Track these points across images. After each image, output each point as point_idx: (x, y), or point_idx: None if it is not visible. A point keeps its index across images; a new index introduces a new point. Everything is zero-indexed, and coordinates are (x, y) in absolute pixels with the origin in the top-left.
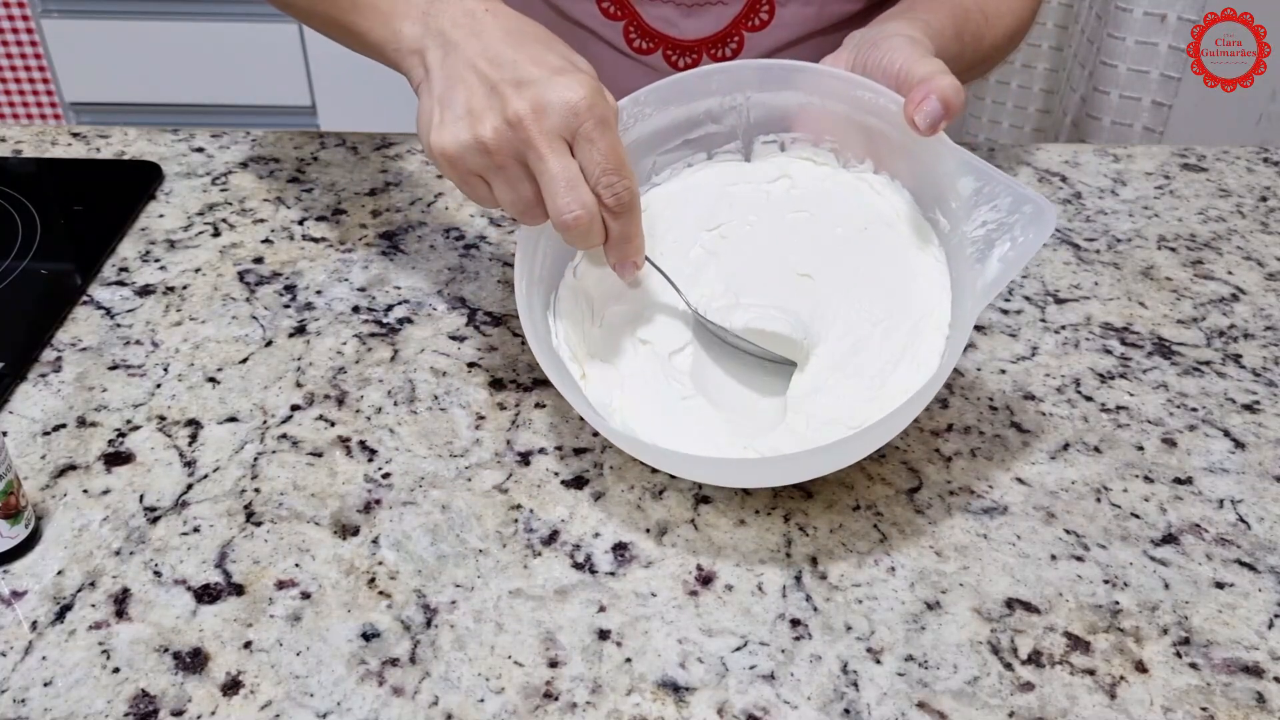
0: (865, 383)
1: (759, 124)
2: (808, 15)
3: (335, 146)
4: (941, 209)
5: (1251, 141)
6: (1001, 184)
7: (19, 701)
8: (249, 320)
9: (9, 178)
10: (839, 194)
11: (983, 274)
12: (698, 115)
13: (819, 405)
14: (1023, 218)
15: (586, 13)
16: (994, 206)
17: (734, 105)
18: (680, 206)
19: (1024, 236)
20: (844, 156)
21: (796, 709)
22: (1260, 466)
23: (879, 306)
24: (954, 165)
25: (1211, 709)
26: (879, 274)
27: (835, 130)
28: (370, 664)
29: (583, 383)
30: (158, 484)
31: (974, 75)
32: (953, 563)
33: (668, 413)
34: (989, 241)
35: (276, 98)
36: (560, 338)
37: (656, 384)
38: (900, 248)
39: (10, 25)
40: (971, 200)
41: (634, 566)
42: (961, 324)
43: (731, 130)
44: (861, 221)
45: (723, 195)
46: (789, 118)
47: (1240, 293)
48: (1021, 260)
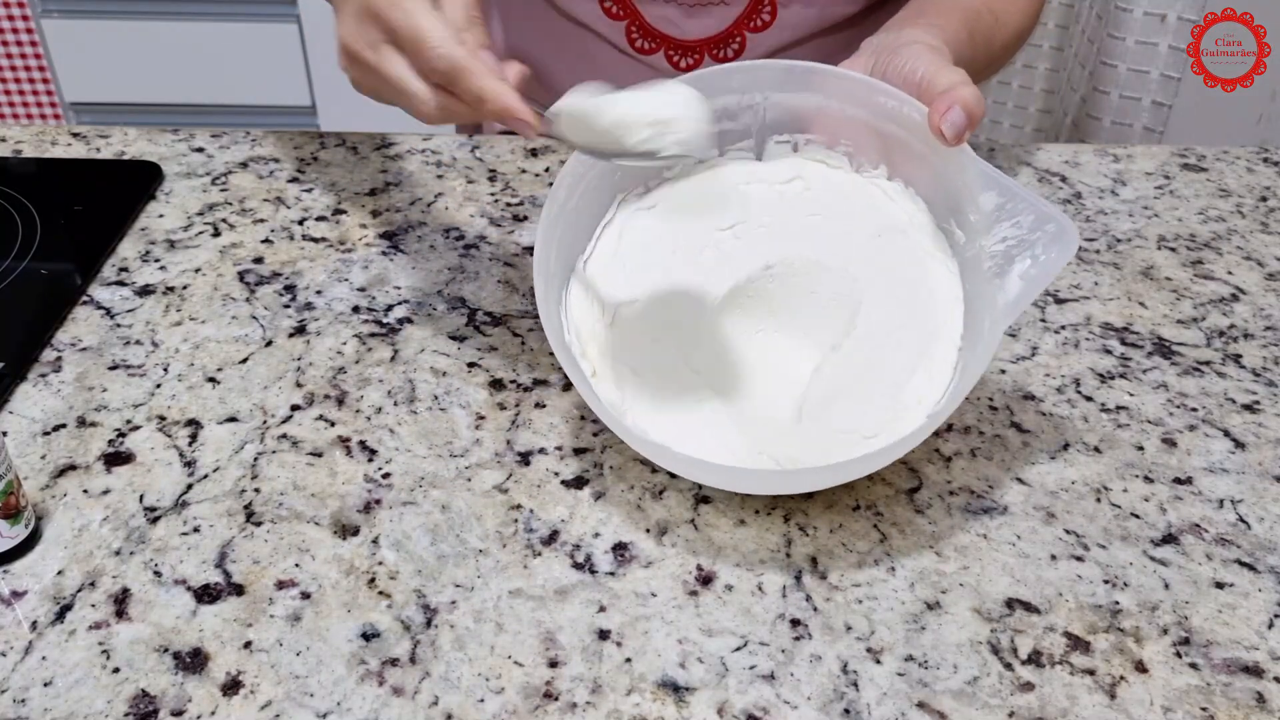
0: (881, 391)
1: (774, 124)
2: (809, 16)
3: (335, 146)
4: (958, 220)
5: (1251, 141)
6: (1025, 201)
7: (19, 701)
8: (249, 320)
9: (9, 178)
10: (853, 198)
11: (1003, 290)
12: (714, 112)
13: (834, 413)
14: (1045, 236)
15: (588, 13)
16: (1015, 223)
17: (751, 104)
18: (692, 205)
19: (1045, 255)
20: (858, 161)
21: (796, 709)
22: (1260, 466)
23: (894, 315)
24: (976, 179)
25: (1211, 709)
26: (893, 282)
27: (852, 134)
28: (370, 664)
29: (594, 380)
30: (158, 484)
31: (984, 77)
32: (953, 563)
33: (680, 412)
34: (1009, 257)
35: (276, 98)
36: (572, 333)
37: (669, 383)
38: (914, 256)
39: (10, 25)
40: (993, 215)
41: (634, 566)
42: (985, 342)
43: (746, 128)
44: (875, 227)
45: (735, 194)
46: (805, 119)
47: (1240, 293)
48: (1044, 279)
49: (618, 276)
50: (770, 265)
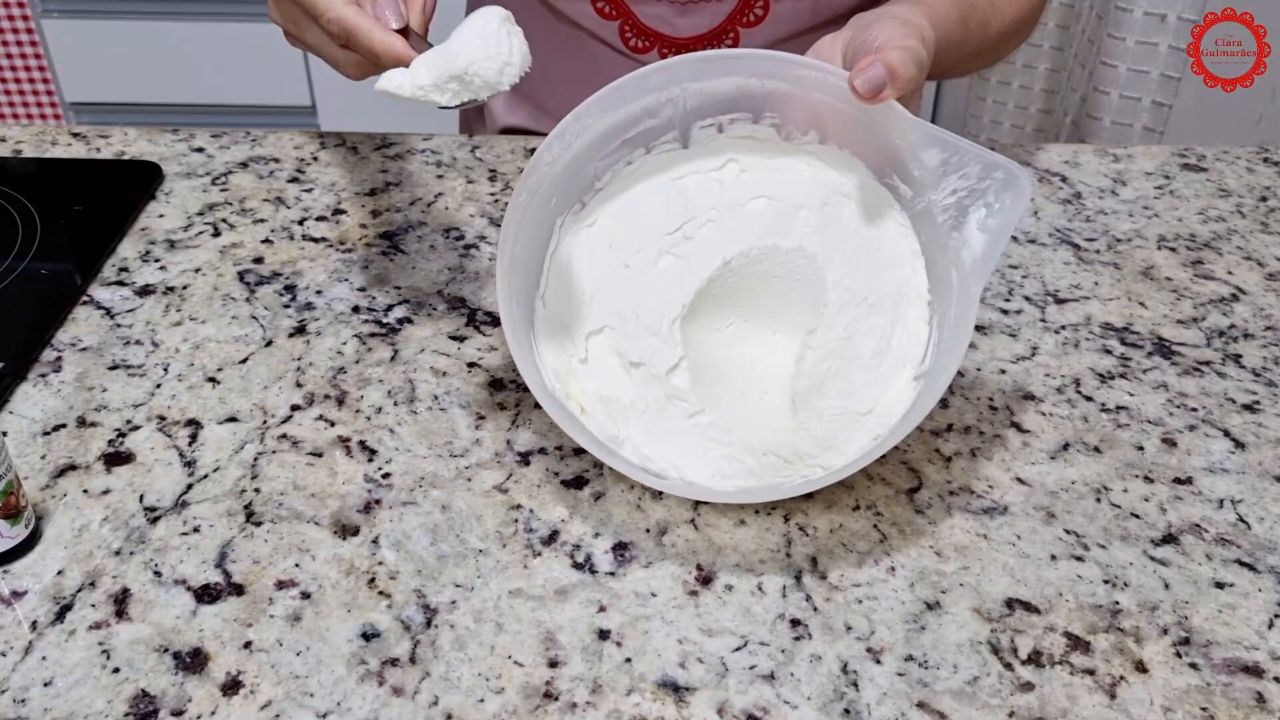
0: (864, 363)
1: (695, 111)
2: (802, 10)
3: (335, 146)
4: (900, 175)
5: (1251, 141)
6: (969, 153)
7: (19, 701)
8: (249, 320)
9: (9, 178)
10: (791, 171)
11: (965, 244)
12: (635, 114)
13: (825, 397)
14: (995, 183)
15: (581, 12)
16: (963, 174)
17: (670, 98)
18: (633, 214)
19: (999, 202)
20: (786, 130)
21: (796, 709)
22: (1260, 466)
23: (859, 282)
24: (917, 138)
25: (1211, 709)
26: (851, 248)
27: (777, 107)
28: (370, 664)
29: (584, 419)
30: (158, 484)
31: (981, 64)
32: (953, 563)
33: (678, 434)
34: (961, 208)
35: (276, 98)
36: (551, 377)
37: (660, 406)
38: (864, 218)
39: (10, 25)
40: (939, 170)
41: (634, 566)
42: (959, 301)
43: (669, 121)
44: (821, 196)
45: (674, 190)
46: (726, 101)
47: (1240, 293)
48: (1006, 229)
49: (579, 306)
50: (728, 260)
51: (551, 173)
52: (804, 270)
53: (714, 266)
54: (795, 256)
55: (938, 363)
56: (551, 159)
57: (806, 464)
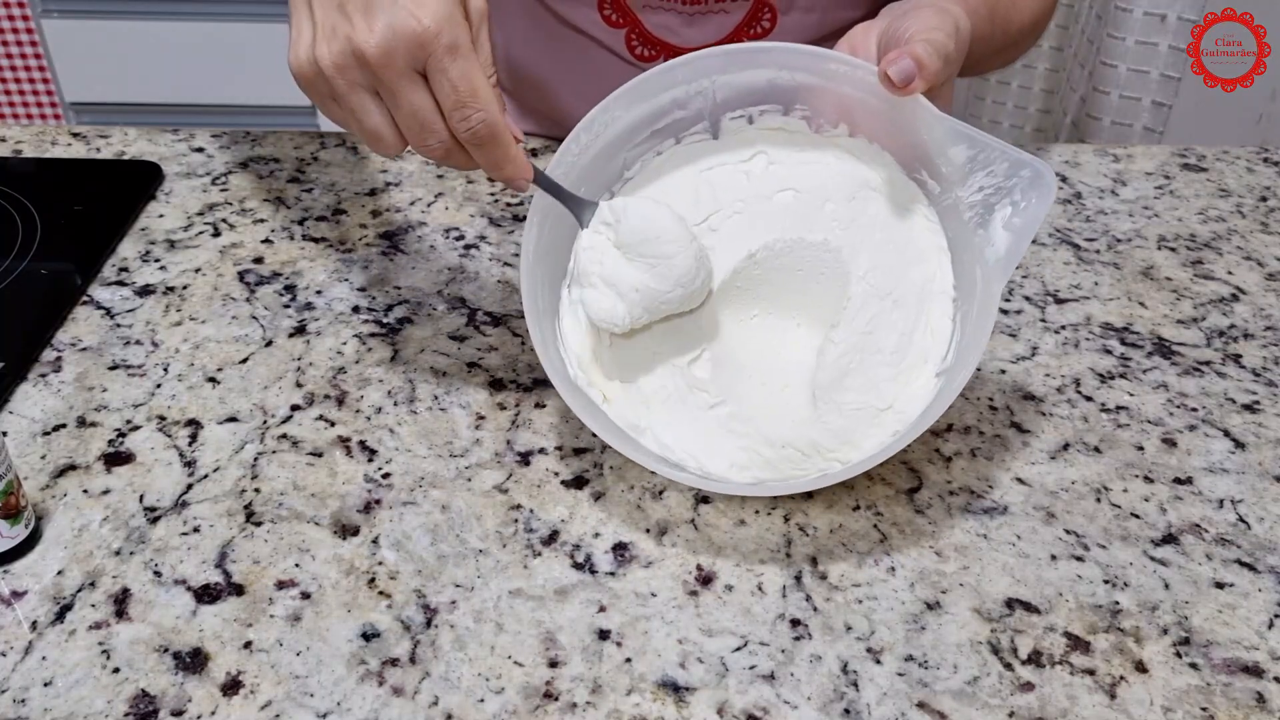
0: (886, 359)
1: (725, 103)
2: (810, 23)
3: (335, 146)
4: (929, 171)
5: (1251, 141)
6: (996, 150)
7: (19, 701)
8: (249, 320)
9: (9, 178)
10: (819, 164)
11: (989, 241)
12: (664, 105)
13: (846, 391)
14: (1021, 181)
15: (588, 20)
16: (990, 172)
17: (700, 90)
18: None
19: (1025, 201)
20: (815, 122)
21: (796, 709)
22: (1260, 466)
23: (884, 277)
24: (944, 135)
25: (1211, 709)
26: (877, 244)
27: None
28: (370, 664)
29: (606, 406)
30: (158, 484)
31: (999, 62)
32: (953, 563)
33: (697, 424)
34: (988, 206)
35: (276, 98)
36: (575, 366)
37: (681, 396)
38: (892, 212)
39: (10, 25)
40: (966, 167)
41: (634, 566)
42: (981, 299)
43: (698, 113)
44: (849, 190)
45: (701, 182)
46: (756, 93)
47: (1240, 293)
48: (1030, 228)
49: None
50: (753, 253)
51: (579, 163)
52: (829, 264)
53: (739, 258)
54: (820, 250)
55: (958, 360)
56: (579, 149)
57: (824, 458)
